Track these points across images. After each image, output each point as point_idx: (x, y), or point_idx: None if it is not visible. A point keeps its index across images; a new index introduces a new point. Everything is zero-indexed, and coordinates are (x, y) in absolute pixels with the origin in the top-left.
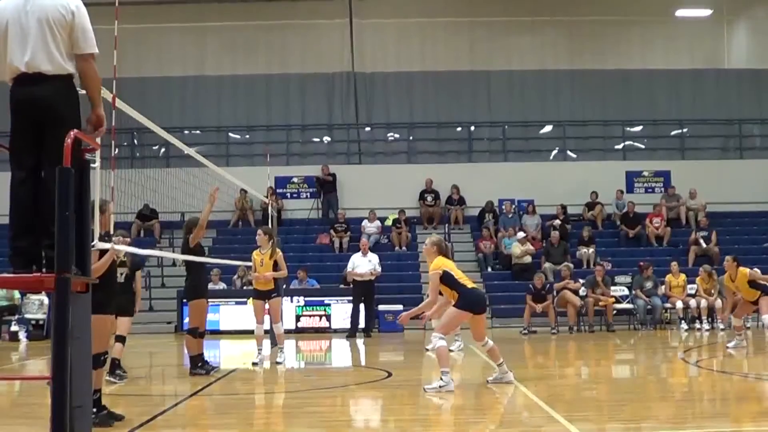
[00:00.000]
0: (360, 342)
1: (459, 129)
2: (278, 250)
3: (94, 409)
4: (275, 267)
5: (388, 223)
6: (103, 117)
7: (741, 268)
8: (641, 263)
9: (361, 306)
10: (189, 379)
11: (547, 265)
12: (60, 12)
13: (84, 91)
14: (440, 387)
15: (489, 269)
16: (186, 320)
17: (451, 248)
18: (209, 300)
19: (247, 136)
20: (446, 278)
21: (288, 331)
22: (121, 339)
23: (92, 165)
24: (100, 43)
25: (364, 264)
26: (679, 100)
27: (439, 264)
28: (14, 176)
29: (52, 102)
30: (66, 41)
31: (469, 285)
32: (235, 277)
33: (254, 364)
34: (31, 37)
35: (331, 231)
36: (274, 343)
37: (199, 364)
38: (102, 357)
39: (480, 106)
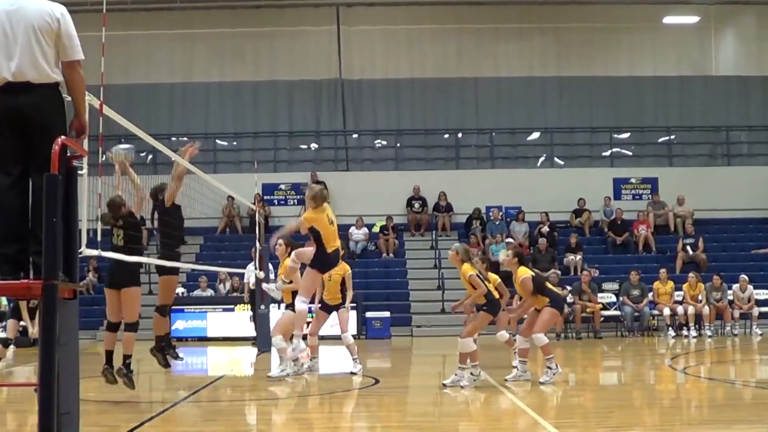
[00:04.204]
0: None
1: (446, 136)
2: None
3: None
4: (342, 284)
5: (376, 230)
6: (86, 124)
7: None
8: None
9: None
10: (176, 385)
11: None
12: (46, 20)
13: (69, 98)
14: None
15: None
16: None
17: (439, 255)
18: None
19: (235, 143)
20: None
21: None
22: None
23: (80, 172)
24: (87, 50)
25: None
26: (666, 107)
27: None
28: (0, 183)
29: (40, 111)
30: (52, 49)
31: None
32: (218, 283)
33: (310, 369)
34: (18, 45)
35: None
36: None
37: (164, 344)
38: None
39: (467, 113)
